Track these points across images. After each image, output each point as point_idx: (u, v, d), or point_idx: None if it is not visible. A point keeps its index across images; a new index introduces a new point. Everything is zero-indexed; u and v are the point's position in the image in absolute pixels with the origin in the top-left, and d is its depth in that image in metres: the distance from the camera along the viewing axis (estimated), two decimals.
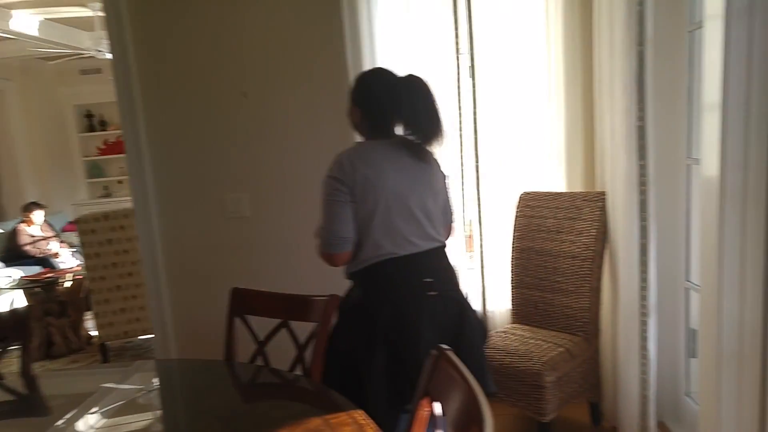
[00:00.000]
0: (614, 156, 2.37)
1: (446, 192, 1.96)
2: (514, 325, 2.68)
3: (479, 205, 2.88)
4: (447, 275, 1.87)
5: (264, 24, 2.56)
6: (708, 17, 1.77)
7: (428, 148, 1.84)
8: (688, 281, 2.46)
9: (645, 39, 2.16)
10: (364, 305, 1.79)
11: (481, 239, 2.90)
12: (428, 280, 1.78)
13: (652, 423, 2.35)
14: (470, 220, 2.95)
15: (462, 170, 2.87)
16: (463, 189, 2.88)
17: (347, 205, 1.74)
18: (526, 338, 2.47)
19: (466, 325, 1.83)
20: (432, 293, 1.77)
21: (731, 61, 1.67)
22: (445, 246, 1.90)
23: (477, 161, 2.86)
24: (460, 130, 2.84)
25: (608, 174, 2.46)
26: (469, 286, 2.94)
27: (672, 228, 2.48)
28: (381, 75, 1.88)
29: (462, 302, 1.87)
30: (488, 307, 2.92)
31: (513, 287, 2.74)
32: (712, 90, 1.76)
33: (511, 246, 2.77)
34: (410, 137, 1.82)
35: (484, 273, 2.91)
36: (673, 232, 2.48)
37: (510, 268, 2.76)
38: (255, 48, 2.59)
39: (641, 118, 2.21)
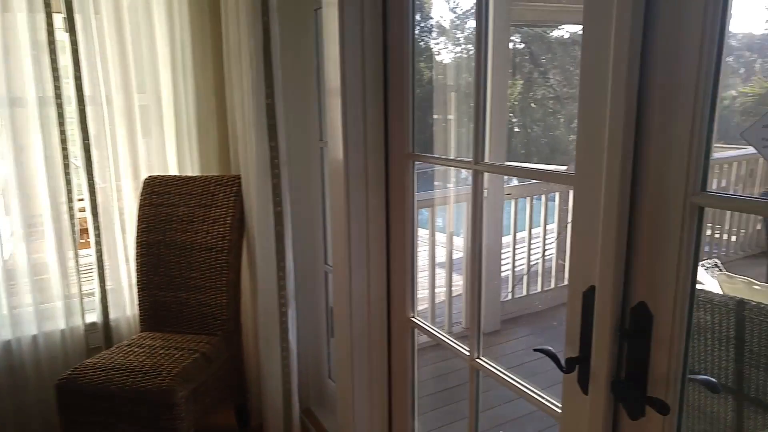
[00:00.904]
0: (246, 136, 2.17)
1: None
2: (142, 335, 2.25)
3: (93, 191, 2.33)
4: None
5: None
6: (325, 1, 1.69)
7: None
8: (327, 264, 2.47)
9: (270, 9, 2.00)
10: None
11: (97, 233, 2.35)
12: None
13: (295, 414, 2.28)
14: (80, 211, 2.37)
15: (64, 149, 2.26)
16: (67, 172, 2.28)
17: None
18: (156, 348, 2.09)
19: None
20: None
21: (347, 45, 1.65)
22: None
23: (87, 139, 2.29)
24: (58, 99, 2.22)
25: (242, 155, 2.26)
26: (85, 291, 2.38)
27: (310, 212, 2.45)
28: None
29: None
30: (111, 315, 2.40)
31: (140, 289, 2.30)
32: (333, 73, 1.71)
33: (135, 240, 2.32)
34: None
35: (105, 274, 2.38)
36: (311, 216, 2.45)
37: (136, 267, 2.31)
38: None
39: (270, 95, 2.06)
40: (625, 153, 0.94)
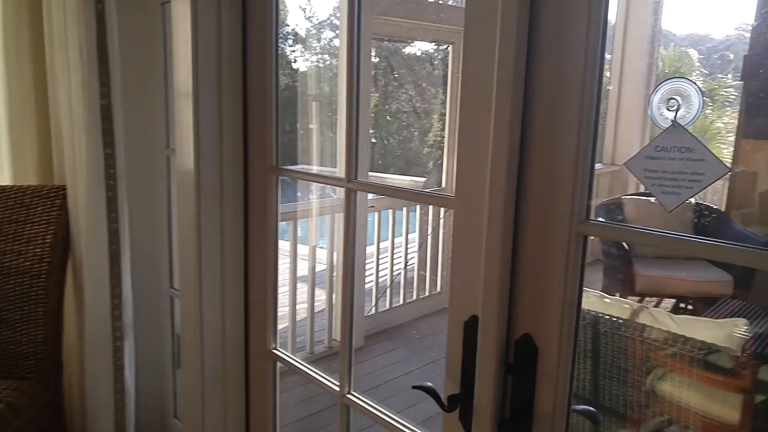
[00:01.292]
0: (75, 140, 1.83)
1: None
2: None
3: None
4: None
5: None
6: None
7: None
8: (173, 288, 2.18)
9: None
10: None
11: None
12: None
13: None
14: None
15: None
16: None
17: None
18: None
19: None
20: None
21: (201, 44, 1.47)
22: None
23: None
24: None
25: (69, 163, 1.90)
26: None
27: (153, 230, 2.16)
28: None
29: None
30: None
31: None
32: (184, 74, 1.52)
33: None
34: None
35: None
36: (154, 234, 2.16)
37: None
38: None
39: (106, 95, 1.76)
40: (510, 179, 0.89)
